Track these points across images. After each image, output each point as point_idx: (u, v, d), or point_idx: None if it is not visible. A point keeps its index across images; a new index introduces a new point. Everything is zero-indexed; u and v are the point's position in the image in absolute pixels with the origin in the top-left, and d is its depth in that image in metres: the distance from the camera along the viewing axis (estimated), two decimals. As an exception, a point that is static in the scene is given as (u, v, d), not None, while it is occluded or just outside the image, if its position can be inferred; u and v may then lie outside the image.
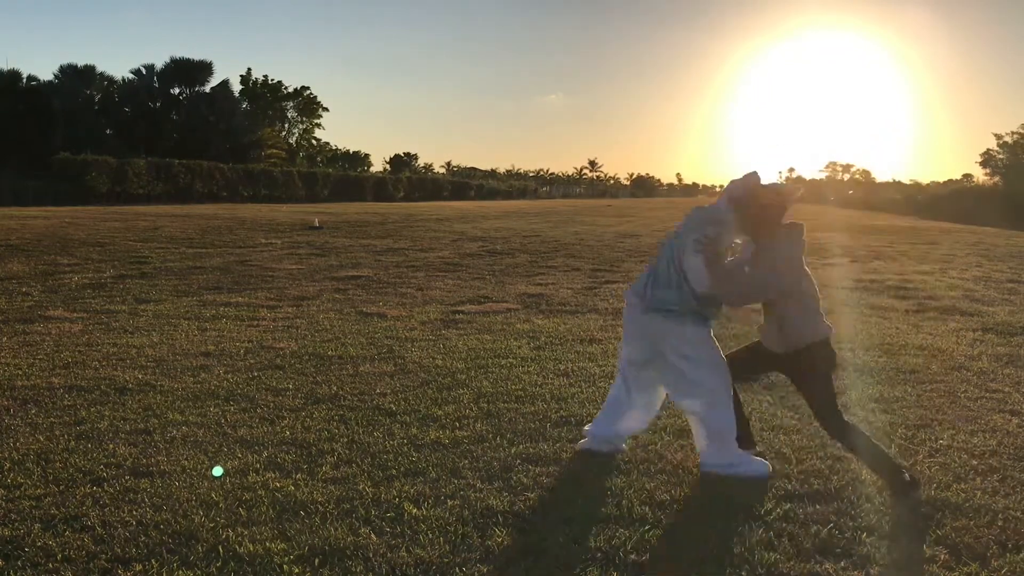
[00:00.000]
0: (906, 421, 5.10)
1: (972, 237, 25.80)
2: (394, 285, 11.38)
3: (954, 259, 17.12)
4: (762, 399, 5.52)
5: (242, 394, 5.47)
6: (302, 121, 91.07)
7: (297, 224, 25.79)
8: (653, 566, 3.19)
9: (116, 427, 4.72)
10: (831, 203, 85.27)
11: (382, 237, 21.20)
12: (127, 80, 63.40)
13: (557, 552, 3.27)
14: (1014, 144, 51.94)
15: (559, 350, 7.06)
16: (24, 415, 4.92)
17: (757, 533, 3.47)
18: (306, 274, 12.50)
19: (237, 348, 6.90)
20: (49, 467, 4.07)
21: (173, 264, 13.44)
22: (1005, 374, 6.46)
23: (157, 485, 3.87)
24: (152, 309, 8.89)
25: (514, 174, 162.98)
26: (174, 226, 23.10)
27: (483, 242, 20.09)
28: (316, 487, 3.87)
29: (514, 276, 12.82)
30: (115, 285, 10.69)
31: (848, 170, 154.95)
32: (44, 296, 9.66)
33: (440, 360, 6.57)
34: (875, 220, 41.75)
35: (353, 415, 5.02)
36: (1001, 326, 8.64)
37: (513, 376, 6.07)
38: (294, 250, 16.61)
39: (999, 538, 3.48)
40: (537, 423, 4.92)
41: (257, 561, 3.16)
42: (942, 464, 4.35)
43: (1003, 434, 4.89)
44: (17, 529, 3.38)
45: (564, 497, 3.82)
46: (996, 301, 10.64)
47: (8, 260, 13.23)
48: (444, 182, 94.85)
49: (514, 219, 35.12)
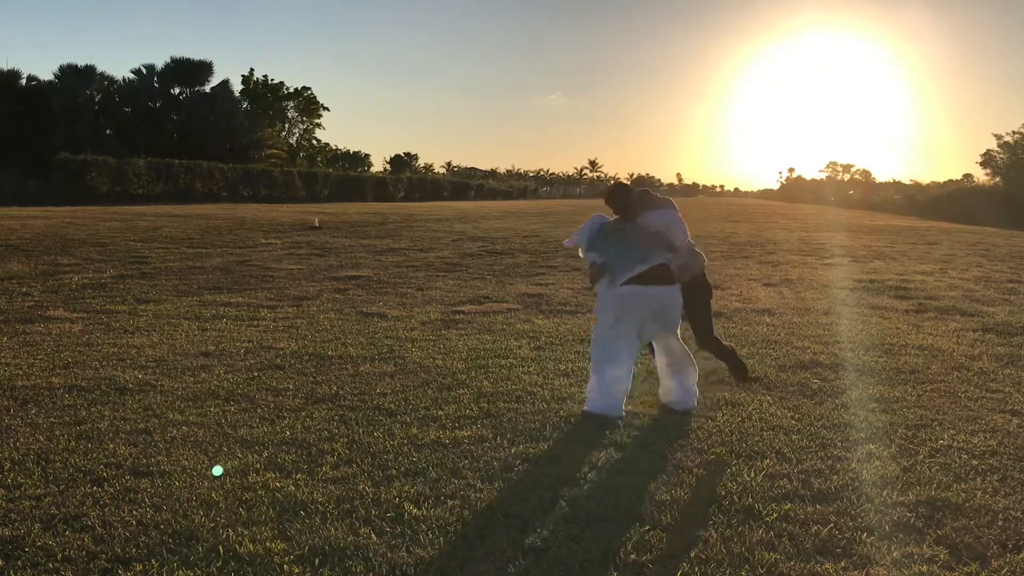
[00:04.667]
0: (906, 421, 5.10)
1: (972, 237, 25.79)
2: (394, 285, 11.38)
3: (954, 259, 17.12)
4: (762, 399, 5.52)
5: (242, 394, 5.47)
6: (302, 121, 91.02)
7: (297, 224, 25.79)
8: (653, 566, 3.19)
9: (116, 427, 4.72)
10: (831, 203, 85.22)
11: (382, 237, 21.20)
12: (127, 80, 63.34)
13: (557, 552, 3.27)
14: (1014, 144, 51.87)
15: (559, 350, 7.06)
16: (24, 415, 4.92)
17: (757, 533, 3.47)
18: (306, 274, 12.50)
19: (237, 348, 6.91)
20: (49, 467, 4.07)
21: (173, 264, 13.44)
22: (1005, 374, 6.46)
23: (157, 485, 3.87)
24: (152, 309, 8.89)
25: (514, 174, 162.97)
26: (174, 226, 23.09)
27: (483, 242, 20.09)
28: (316, 487, 3.87)
29: (514, 276, 12.83)
30: (115, 285, 10.69)
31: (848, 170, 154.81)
32: (44, 296, 9.66)
33: (440, 360, 6.57)
34: (875, 220, 41.74)
35: (353, 415, 5.02)
36: (1001, 326, 8.64)
37: (513, 376, 6.08)
38: (294, 250, 16.61)
39: (999, 538, 3.48)
40: (537, 423, 4.93)
41: (257, 561, 3.16)
42: (942, 464, 4.35)
43: (1003, 434, 4.89)
44: (17, 529, 3.38)
45: (564, 497, 3.82)
46: (996, 301, 10.64)
47: (8, 260, 13.23)
48: (444, 182, 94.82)
49: (514, 219, 35.12)
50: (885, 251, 19.20)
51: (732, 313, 9.26)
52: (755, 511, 3.68)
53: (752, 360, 6.68)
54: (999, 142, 53.23)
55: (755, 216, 44.78)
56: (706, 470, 4.21)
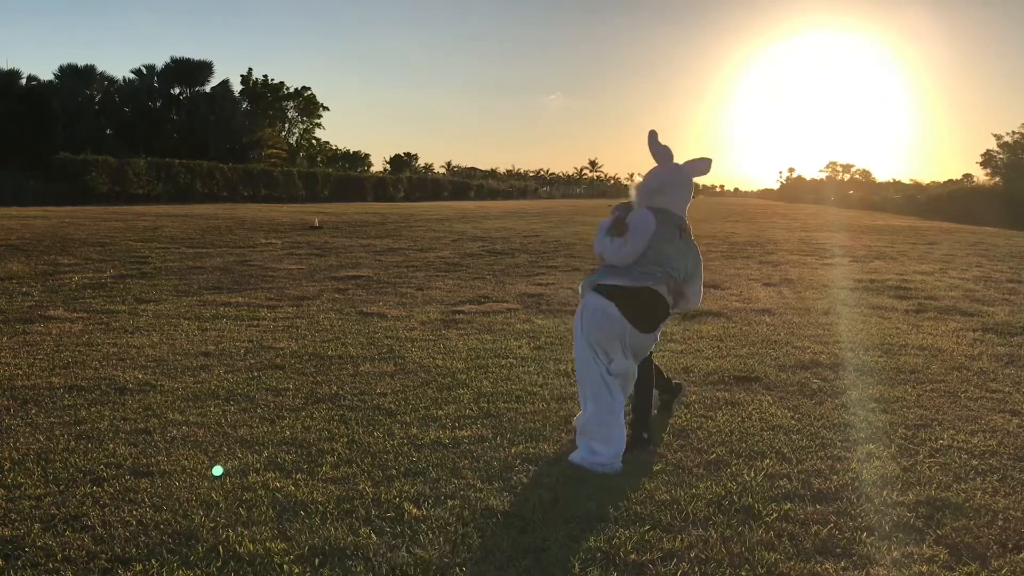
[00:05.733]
0: (906, 421, 5.10)
1: (972, 237, 25.79)
2: (394, 285, 11.38)
3: (954, 259, 17.12)
4: (762, 399, 5.52)
5: (242, 394, 5.47)
6: (302, 121, 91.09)
7: (297, 224, 25.79)
8: (653, 566, 3.19)
9: (116, 427, 4.72)
10: (831, 203, 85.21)
11: (382, 237, 21.20)
12: (127, 80, 63.36)
13: (557, 552, 3.27)
14: (1014, 144, 51.91)
15: (559, 350, 7.06)
16: (24, 415, 4.92)
17: (757, 533, 3.47)
18: (306, 274, 12.50)
19: (237, 348, 6.91)
20: (49, 467, 4.07)
21: (173, 264, 13.44)
22: (1005, 374, 6.46)
23: (157, 485, 3.87)
24: (152, 309, 8.89)
25: (514, 174, 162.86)
26: (174, 226, 23.09)
27: (483, 242, 20.09)
28: (316, 487, 3.87)
29: (514, 276, 12.82)
30: (115, 285, 10.69)
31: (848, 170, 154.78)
32: (44, 296, 9.65)
33: (440, 360, 6.57)
34: (875, 220, 41.73)
35: (353, 415, 5.02)
36: (1001, 326, 8.64)
37: (513, 376, 6.07)
38: (294, 250, 16.61)
39: (999, 538, 3.48)
40: (537, 423, 4.92)
41: (257, 561, 3.16)
42: (942, 464, 4.35)
43: (1003, 434, 4.89)
44: (17, 529, 3.38)
45: (564, 497, 3.82)
46: (996, 301, 10.63)
47: (8, 260, 13.23)
48: (444, 182, 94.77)
49: (514, 219, 35.12)
50: (885, 251, 19.20)
51: (732, 313, 9.25)
52: (755, 511, 3.68)
53: (752, 360, 6.69)
54: (999, 142, 53.29)
55: (755, 216, 44.77)
56: (706, 470, 4.21)
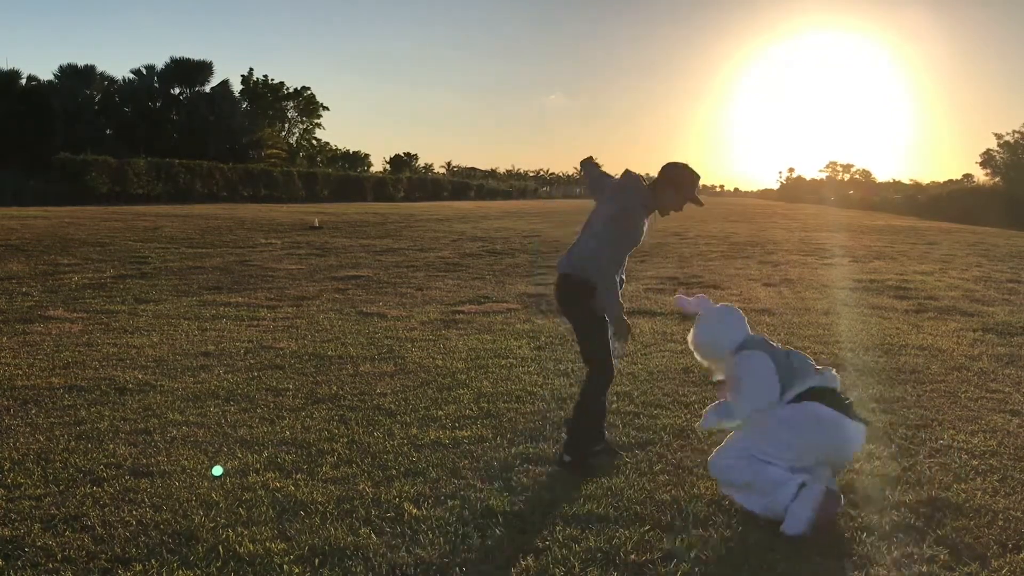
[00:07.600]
0: (906, 421, 5.10)
1: (972, 237, 25.79)
2: (394, 285, 11.38)
3: (954, 259, 17.12)
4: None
5: (242, 394, 5.47)
6: (302, 121, 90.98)
7: (297, 224, 25.78)
8: (653, 566, 3.19)
9: (116, 427, 4.72)
10: (831, 203, 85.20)
11: (382, 237, 21.20)
12: (127, 80, 63.31)
13: (557, 552, 3.27)
14: (1014, 144, 51.87)
15: (559, 350, 7.06)
16: (24, 415, 4.92)
17: (757, 533, 3.47)
18: (306, 274, 12.50)
19: (237, 348, 6.90)
20: (49, 467, 4.07)
21: (173, 264, 13.44)
22: (1005, 374, 6.46)
23: (157, 485, 3.87)
24: (152, 309, 8.89)
25: (514, 174, 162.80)
26: (174, 226, 23.09)
27: (483, 242, 20.09)
28: (316, 487, 3.87)
29: (514, 276, 12.82)
30: (115, 285, 10.69)
31: (848, 170, 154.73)
32: (44, 296, 9.65)
33: (440, 360, 6.57)
34: (875, 220, 41.73)
35: (353, 415, 5.02)
36: (1001, 326, 8.64)
37: (513, 376, 6.07)
38: (294, 250, 16.61)
39: (999, 538, 3.48)
40: (537, 423, 4.93)
41: (257, 561, 3.16)
42: (942, 464, 4.35)
43: (1003, 434, 4.89)
44: (17, 529, 3.38)
45: (564, 497, 3.82)
46: (996, 301, 10.63)
47: (8, 260, 13.23)
48: (444, 182, 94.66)
49: (514, 219, 35.12)
50: (885, 251, 19.20)
51: (732, 313, 9.25)
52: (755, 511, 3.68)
53: (752, 360, 6.68)
54: (999, 142, 53.24)
55: (755, 216, 44.77)
56: (706, 470, 4.21)
